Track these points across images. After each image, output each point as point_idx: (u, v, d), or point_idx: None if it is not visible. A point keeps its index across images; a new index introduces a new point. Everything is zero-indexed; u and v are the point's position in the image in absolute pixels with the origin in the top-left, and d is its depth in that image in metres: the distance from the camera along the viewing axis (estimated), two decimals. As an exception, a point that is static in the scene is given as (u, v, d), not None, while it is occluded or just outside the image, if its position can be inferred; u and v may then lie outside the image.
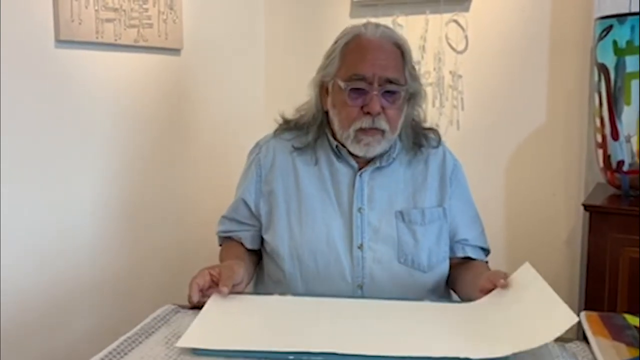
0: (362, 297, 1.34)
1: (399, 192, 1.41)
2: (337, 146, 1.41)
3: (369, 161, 1.41)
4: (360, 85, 1.33)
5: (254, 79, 2.53)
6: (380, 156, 1.40)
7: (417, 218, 1.39)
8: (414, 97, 1.42)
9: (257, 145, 1.50)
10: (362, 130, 1.34)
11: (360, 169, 1.41)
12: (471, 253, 1.45)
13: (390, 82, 1.33)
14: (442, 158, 1.47)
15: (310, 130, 1.43)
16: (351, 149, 1.38)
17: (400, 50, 1.36)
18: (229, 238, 1.49)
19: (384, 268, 1.35)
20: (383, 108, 1.33)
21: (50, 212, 1.63)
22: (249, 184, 1.46)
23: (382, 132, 1.34)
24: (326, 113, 1.42)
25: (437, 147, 1.47)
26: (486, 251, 1.50)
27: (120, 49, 1.82)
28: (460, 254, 1.45)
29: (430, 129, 1.49)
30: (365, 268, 1.35)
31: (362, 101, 1.33)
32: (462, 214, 1.46)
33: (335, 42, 1.40)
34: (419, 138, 1.45)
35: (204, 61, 2.19)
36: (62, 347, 1.66)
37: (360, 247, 1.36)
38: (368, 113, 1.32)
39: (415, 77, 1.40)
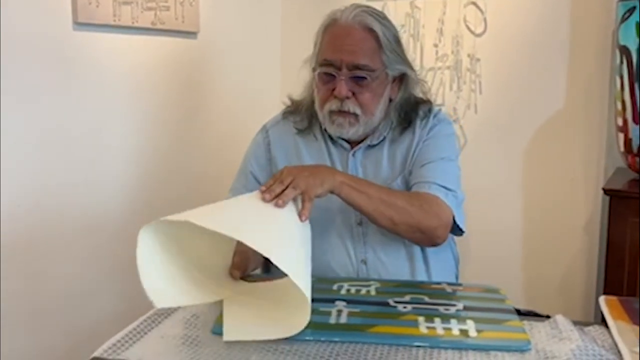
0: (367, 272, 1.38)
1: (392, 168, 1.42)
2: (325, 129, 1.43)
3: (360, 141, 1.43)
4: (329, 70, 1.36)
5: (271, 62, 2.53)
6: (372, 134, 1.42)
7: (403, 187, 1.39)
8: (403, 79, 1.42)
9: (264, 127, 1.52)
10: (333, 112, 1.37)
11: (352, 148, 1.43)
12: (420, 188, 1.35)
13: (358, 68, 1.34)
14: (425, 124, 1.44)
15: (306, 113, 1.46)
16: (328, 130, 1.41)
17: (373, 35, 1.36)
18: None
19: (385, 242, 1.37)
20: (354, 92, 1.35)
21: (67, 194, 1.65)
22: (259, 161, 1.48)
23: (355, 115, 1.36)
24: None
25: (424, 117, 1.44)
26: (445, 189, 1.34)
27: (138, 32, 1.82)
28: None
29: (423, 102, 1.47)
30: (367, 243, 1.38)
31: (332, 85, 1.36)
32: (423, 158, 1.40)
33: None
34: (408, 115, 1.43)
35: (220, 44, 2.19)
36: (84, 327, 1.68)
37: (360, 223, 1.39)
38: (337, 96, 1.35)
39: (399, 60, 1.39)
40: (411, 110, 1.44)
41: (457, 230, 1.38)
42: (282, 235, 1.08)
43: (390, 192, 1.32)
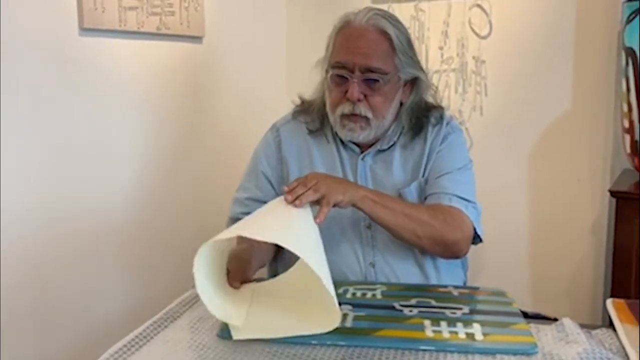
0: (375, 275, 1.37)
1: (404, 173, 1.42)
2: (336, 132, 1.42)
3: (371, 145, 1.42)
4: (342, 72, 1.35)
5: (276, 66, 2.53)
6: (382, 139, 1.42)
7: (413, 195, 1.39)
8: (415, 83, 1.42)
9: (274, 126, 1.52)
10: (345, 115, 1.37)
11: (362, 152, 1.43)
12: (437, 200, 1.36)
13: (371, 70, 1.34)
14: (438, 131, 1.43)
15: (317, 115, 1.46)
16: (338, 133, 1.41)
17: (387, 38, 1.35)
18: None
19: (393, 246, 1.37)
20: (365, 95, 1.35)
21: (72, 198, 1.65)
22: (269, 160, 1.47)
23: (366, 119, 1.36)
24: None
25: (436, 124, 1.44)
26: (465, 201, 1.37)
27: (143, 37, 1.83)
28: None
29: (434, 108, 1.46)
30: (376, 247, 1.38)
31: (344, 87, 1.35)
32: (440, 168, 1.40)
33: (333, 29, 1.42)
34: (420, 120, 1.43)
35: (225, 49, 2.20)
36: (89, 332, 1.69)
37: (369, 227, 1.39)
38: (349, 99, 1.35)
39: (411, 63, 1.39)
40: (422, 115, 1.43)
41: (476, 239, 1.39)
42: (304, 237, 1.09)
43: (413, 206, 1.33)
